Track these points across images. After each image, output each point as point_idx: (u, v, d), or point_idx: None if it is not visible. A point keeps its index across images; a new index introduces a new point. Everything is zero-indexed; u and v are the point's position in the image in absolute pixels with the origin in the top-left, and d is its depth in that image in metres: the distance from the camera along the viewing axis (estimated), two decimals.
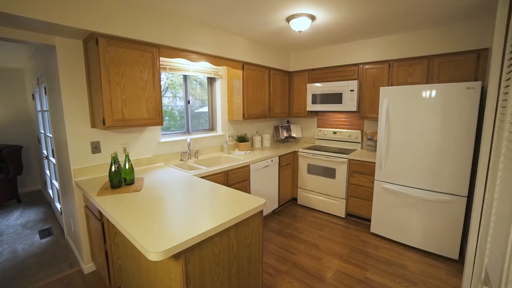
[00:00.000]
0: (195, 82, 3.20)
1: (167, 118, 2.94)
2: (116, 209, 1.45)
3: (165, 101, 2.89)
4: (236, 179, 2.66)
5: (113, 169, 1.78)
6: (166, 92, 2.91)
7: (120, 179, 1.81)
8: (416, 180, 2.46)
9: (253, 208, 1.46)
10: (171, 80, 2.94)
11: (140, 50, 2.08)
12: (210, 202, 1.54)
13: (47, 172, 3.62)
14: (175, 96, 2.98)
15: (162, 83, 2.85)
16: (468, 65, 2.49)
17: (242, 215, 1.38)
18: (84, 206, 2.12)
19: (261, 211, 1.55)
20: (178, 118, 3.02)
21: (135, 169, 2.40)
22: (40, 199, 4.19)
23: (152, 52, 2.16)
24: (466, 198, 2.21)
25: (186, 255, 1.14)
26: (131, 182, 1.90)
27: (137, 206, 1.49)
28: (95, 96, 1.98)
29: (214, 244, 1.28)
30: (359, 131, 3.54)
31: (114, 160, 1.79)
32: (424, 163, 2.40)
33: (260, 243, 1.59)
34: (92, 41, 1.88)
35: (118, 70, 1.96)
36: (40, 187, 4.72)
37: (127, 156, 1.87)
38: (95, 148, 2.17)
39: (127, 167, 1.87)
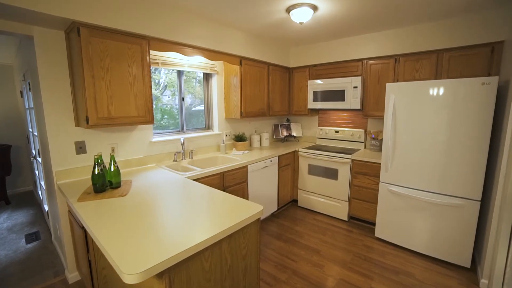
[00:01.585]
0: (194, 80, 3.05)
1: (166, 116, 2.80)
2: (96, 217, 1.29)
3: (164, 99, 2.76)
4: (233, 181, 2.50)
5: (96, 172, 1.62)
6: (164, 90, 2.76)
7: (104, 182, 1.65)
8: (425, 182, 2.31)
9: (249, 217, 1.30)
10: (170, 79, 2.79)
11: (128, 42, 1.92)
12: (201, 209, 1.38)
13: (36, 172, 3.46)
14: (174, 95, 2.84)
15: (161, 81, 2.72)
16: (480, 60, 2.32)
17: (236, 225, 1.23)
18: (68, 211, 1.96)
19: (258, 219, 1.40)
20: (177, 117, 2.87)
21: (124, 170, 2.24)
22: (31, 200, 4.03)
23: (141, 45, 2.00)
24: (479, 202, 2.06)
25: (170, 274, 0.99)
26: (117, 185, 1.75)
27: (120, 213, 1.33)
28: (79, 92, 1.81)
29: (203, 259, 1.12)
30: (363, 130, 3.38)
31: (98, 161, 1.64)
32: (433, 165, 2.24)
33: (257, 253, 1.44)
34: (74, 32, 1.72)
35: (103, 64, 1.80)
36: (32, 188, 4.56)
37: (112, 157, 1.72)
38: (80, 148, 2.01)
39: (112, 169, 1.71)
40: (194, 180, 2.12)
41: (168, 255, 0.95)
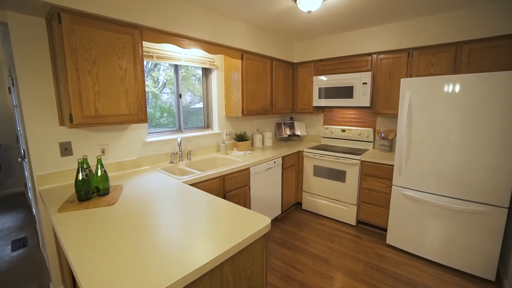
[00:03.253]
0: (193, 77, 2.86)
1: (165, 114, 2.63)
2: (75, 232, 1.10)
3: (163, 97, 2.60)
4: (234, 184, 2.31)
5: (80, 177, 1.43)
6: (164, 88, 2.59)
7: (89, 189, 1.46)
8: (443, 186, 2.12)
9: (254, 233, 1.11)
10: (169, 75, 2.60)
11: (118, 32, 1.72)
12: (200, 223, 1.19)
13: (26, 173, 3.27)
14: (173, 92, 2.66)
15: (160, 78, 2.54)
16: (506, 52, 2.13)
17: (240, 244, 1.04)
18: None
19: (265, 234, 1.21)
20: (177, 115, 2.69)
21: (116, 174, 2.05)
22: (21, 202, 3.84)
23: (132, 35, 1.80)
24: (507, 210, 1.87)
25: None
26: (105, 192, 1.56)
27: (105, 228, 1.14)
28: (62, 87, 1.62)
29: (201, 284, 0.94)
30: (371, 129, 3.19)
31: (82, 166, 1.44)
32: (453, 168, 2.05)
33: (263, 273, 1.25)
34: (55, 19, 1.51)
35: (89, 56, 1.60)
36: (23, 189, 4.37)
37: (99, 161, 1.52)
38: (66, 150, 1.81)
39: (99, 174, 1.52)
40: (192, 184, 1.93)
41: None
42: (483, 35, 2.19)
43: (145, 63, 2.43)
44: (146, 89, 2.47)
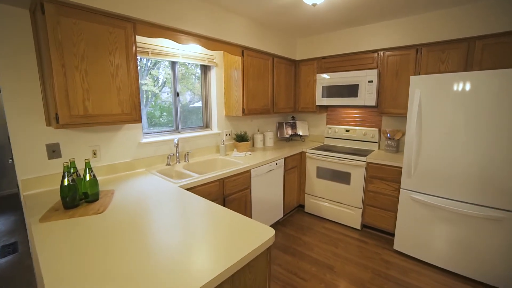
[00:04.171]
0: (193, 76, 2.74)
1: (165, 113, 2.53)
2: (55, 246, 0.98)
3: (163, 96, 2.51)
4: (234, 187, 2.19)
5: (65, 183, 1.30)
6: (163, 87, 2.49)
7: (76, 195, 1.34)
8: (456, 191, 2.00)
9: (257, 247, 0.99)
10: (169, 74, 2.49)
11: (109, 25, 1.59)
12: (197, 235, 1.07)
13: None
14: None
15: (160, 77, 2.43)
16: None
17: (241, 260, 0.92)
18: None
19: (269, 247, 1.09)
20: (174, 115, 2.58)
21: (108, 177, 1.93)
22: (14, 205, 3.72)
23: (125, 28, 1.67)
24: None
25: None
26: (95, 198, 1.44)
27: (89, 241, 1.02)
28: (47, 84, 1.49)
29: None
30: (377, 129, 3.07)
31: (68, 170, 1.32)
32: (468, 170, 1.93)
33: None
34: (39, 9, 1.39)
35: (77, 50, 1.47)
36: (17, 190, 4.24)
37: (87, 164, 1.40)
38: (53, 152, 1.69)
39: (87, 179, 1.40)
40: (190, 188, 1.81)
41: None
42: (499, 30, 2.06)
43: (144, 62, 2.33)
44: (146, 88, 2.37)
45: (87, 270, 0.84)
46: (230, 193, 2.16)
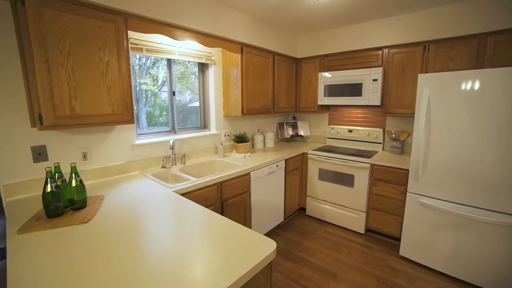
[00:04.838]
0: (193, 76, 2.63)
1: (164, 113, 2.45)
2: (30, 262, 0.87)
3: (162, 95, 2.42)
4: (233, 191, 2.09)
5: (48, 189, 1.20)
6: (163, 86, 2.41)
7: (60, 203, 1.23)
8: (466, 195, 1.90)
9: (258, 263, 0.89)
10: (166, 72, 2.39)
11: (98, 19, 1.48)
12: (191, 249, 0.96)
13: None
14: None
15: (159, 76, 2.33)
16: None
17: (241, 279, 0.82)
18: None
19: (270, 263, 0.98)
20: (170, 115, 2.49)
21: (100, 181, 1.82)
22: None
23: (115, 22, 1.56)
24: None
25: None
26: (82, 205, 1.33)
27: (72, 254, 0.92)
28: (31, 82, 1.38)
29: None
30: (381, 130, 2.96)
31: (52, 175, 1.22)
32: (479, 174, 1.83)
33: None
34: (19, 1, 1.28)
35: (63, 46, 1.36)
36: None
37: (73, 169, 1.29)
38: (39, 155, 1.58)
39: (73, 185, 1.29)
40: (186, 193, 1.70)
41: None
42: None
43: (144, 61, 2.23)
44: (145, 87, 2.26)
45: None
46: (229, 197, 2.06)
